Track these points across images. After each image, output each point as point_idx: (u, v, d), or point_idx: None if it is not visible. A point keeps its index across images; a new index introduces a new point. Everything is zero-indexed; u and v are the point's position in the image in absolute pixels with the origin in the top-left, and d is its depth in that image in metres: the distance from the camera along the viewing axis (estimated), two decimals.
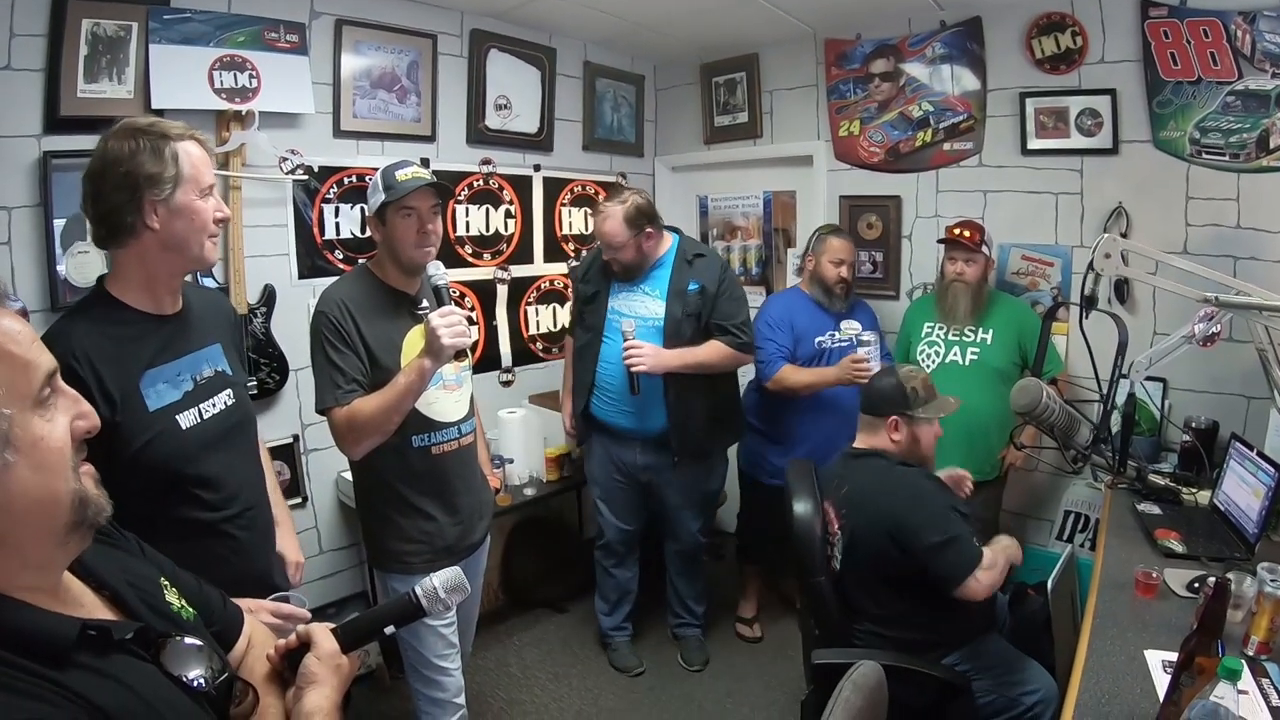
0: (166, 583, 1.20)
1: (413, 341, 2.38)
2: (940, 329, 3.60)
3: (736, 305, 3.42)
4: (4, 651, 0.85)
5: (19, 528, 0.88)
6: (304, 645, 1.23)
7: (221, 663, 1.12)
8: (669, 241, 3.46)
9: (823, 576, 2.65)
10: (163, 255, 1.79)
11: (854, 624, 2.65)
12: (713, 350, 3.38)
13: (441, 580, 1.31)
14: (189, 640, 1.07)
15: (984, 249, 3.48)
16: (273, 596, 1.93)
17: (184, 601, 1.20)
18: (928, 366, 3.58)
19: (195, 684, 1.04)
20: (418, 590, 1.31)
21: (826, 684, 2.63)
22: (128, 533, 1.23)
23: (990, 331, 3.49)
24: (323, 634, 1.23)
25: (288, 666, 1.23)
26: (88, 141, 2.73)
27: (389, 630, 1.32)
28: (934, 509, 2.47)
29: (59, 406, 0.94)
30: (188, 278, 1.99)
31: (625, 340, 3.25)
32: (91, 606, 1.02)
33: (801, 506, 2.72)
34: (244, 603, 1.82)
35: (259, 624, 1.41)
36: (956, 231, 3.51)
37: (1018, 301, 3.73)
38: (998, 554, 2.48)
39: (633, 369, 3.24)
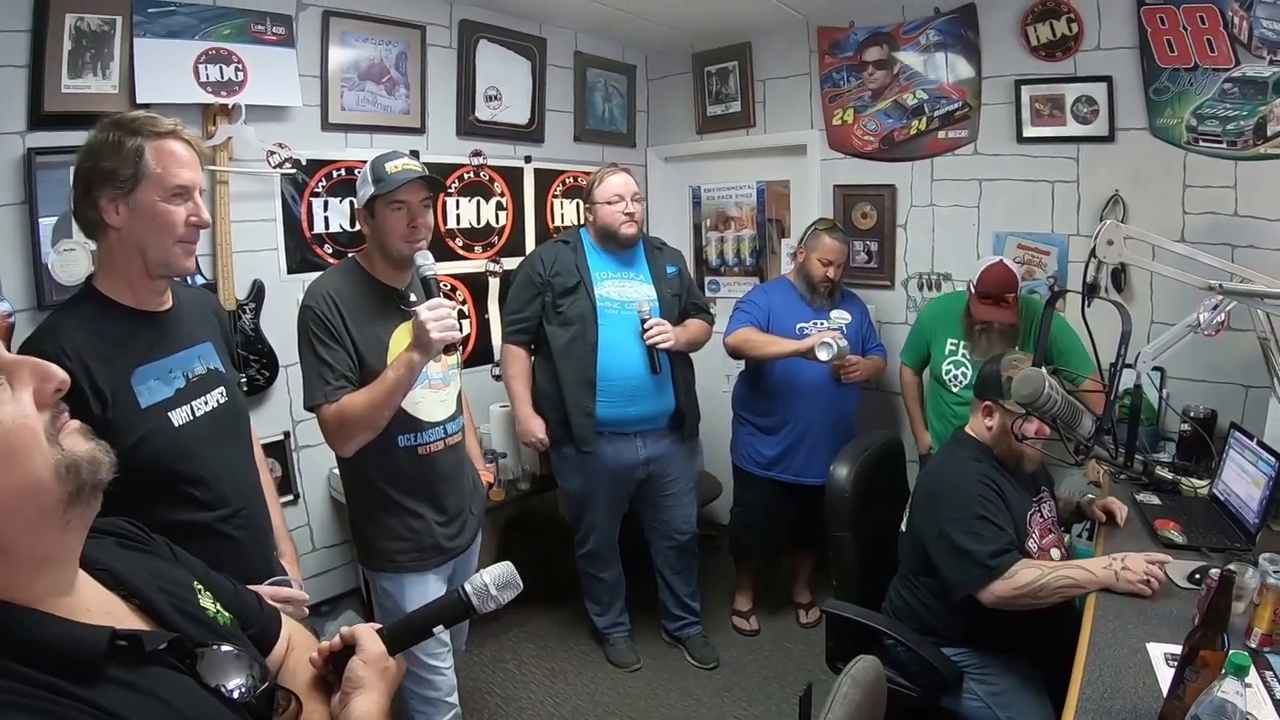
0: (200, 586, 1.14)
1: (399, 339, 2.34)
2: (966, 348, 3.49)
3: (699, 288, 3.64)
4: (29, 670, 0.79)
5: (8, 526, 0.81)
6: (348, 647, 1.18)
7: (262, 670, 1.07)
8: None
9: (844, 532, 2.78)
10: (128, 255, 1.74)
11: (896, 578, 2.80)
12: (699, 328, 3.58)
13: (492, 576, 1.26)
14: (226, 648, 1.02)
15: (1017, 290, 3.36)
16: (269, 581, 1.91)
17: (219, 605, 1.15)
18: (954, 386, 3.53)
19: (236, 695, 0.99)
20: (467, 588, 1.25)
21: (837, 634, 2.83)
22: (157, 536, 1.18)
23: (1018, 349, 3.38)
24: (368, 635, 1.19)
25: (332, 670, 1.19)
26: (72, 138, 2.70)
27: (438, 630, 1.26)
28: (958, 514, 2.42)
29: (16, 378, 0.86)
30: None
31: (645, 320, 3.30)
32: (121, 616, 0.96)
33: (838, 468, 2.85)
34: None
35: (298, 625, 1.36)
36: (990, 301, 3.33)
37: (1035, 303, 3.53)
38: (1055, 578, 2.25)
39: (660, 345, 3.30)
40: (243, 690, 1.00)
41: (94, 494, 0.89)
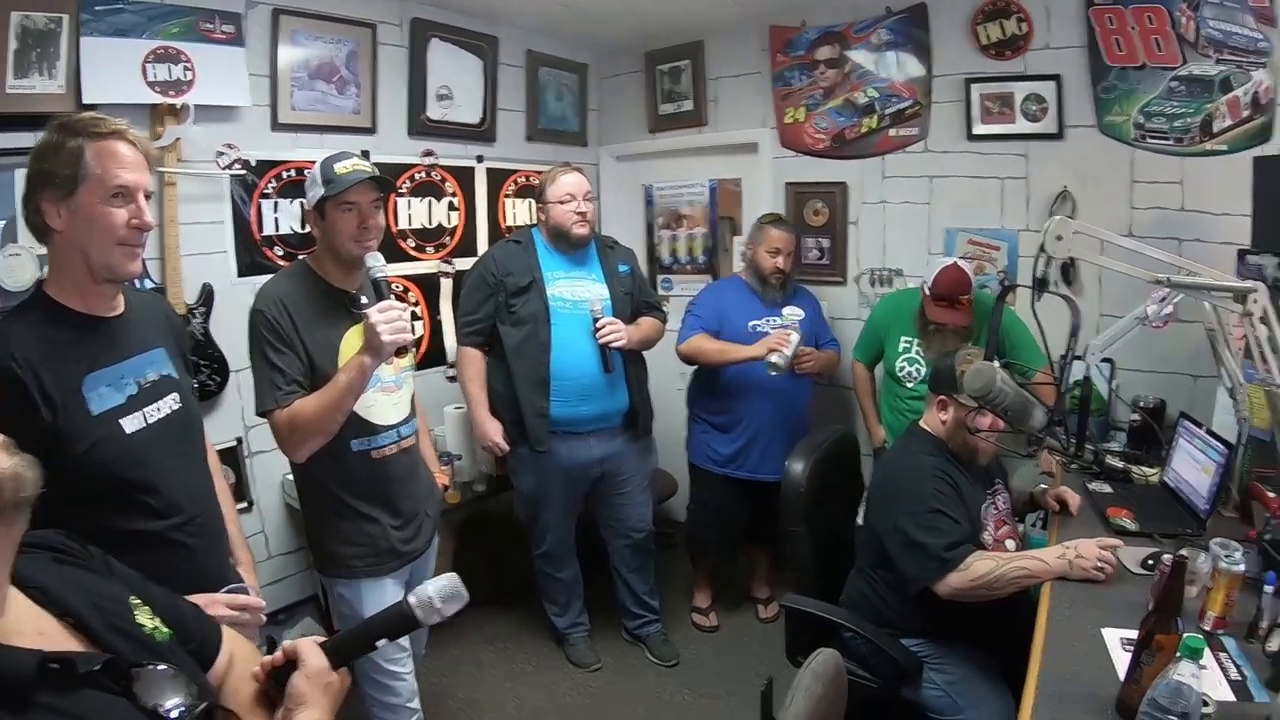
0: (137, 600, 1.11)
1: (350, 343, 2.31)
2: (920, 346, 3.51)
3: (651, 287, 3.69)
4: None
5: None
6: (290, 662, 1.16)
7: (201, 689, 1.04)
8: None
9: (800, 527, 2.81)
10: (72, 258, 1.70)
11: (853, 571, 2.81)
12: (651, 326, 3.58)
13: (437, 589, 1.24)
14: (163, 667, 1.00)
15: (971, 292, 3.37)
16: (226, 589, 1.87)
17: (157, 621, 1.11)
18: (909, 383, 3.54)
19: (173, 715, 0.96)
20: (412, 600, 1.23)
21: (796, 628, 2.86)
22: (93, 548, 1.15)
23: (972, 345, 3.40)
24: (310, 650, 1.17)
25: (274, 685, 1.17)
26: (17, 139, 2.64)
27: (381, 643, 1.24)
28: (913, 508, 2.43)
29: None
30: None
31: (597, 319, 3.30)
32: (54, 636, 0.93)
33: (793, 464, 2.89)
34: (199, 598, 1.74)
35: (240, 638, 1.34)
36: (945, 304, 3.35)
37: (987, 299, 3.49)
38: (1010, 569, 2.26)
39: (613, 344, 3.30)
40: (180, 710, 0.98)
41: (18, 512, 0.87)
